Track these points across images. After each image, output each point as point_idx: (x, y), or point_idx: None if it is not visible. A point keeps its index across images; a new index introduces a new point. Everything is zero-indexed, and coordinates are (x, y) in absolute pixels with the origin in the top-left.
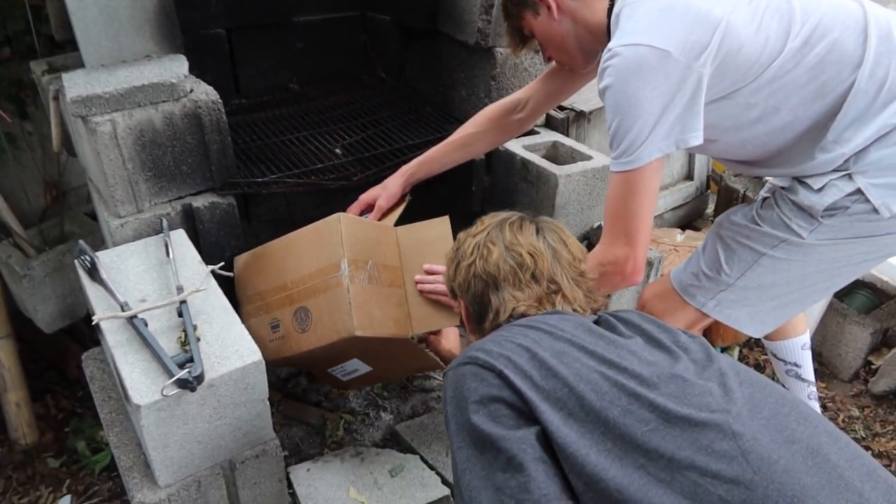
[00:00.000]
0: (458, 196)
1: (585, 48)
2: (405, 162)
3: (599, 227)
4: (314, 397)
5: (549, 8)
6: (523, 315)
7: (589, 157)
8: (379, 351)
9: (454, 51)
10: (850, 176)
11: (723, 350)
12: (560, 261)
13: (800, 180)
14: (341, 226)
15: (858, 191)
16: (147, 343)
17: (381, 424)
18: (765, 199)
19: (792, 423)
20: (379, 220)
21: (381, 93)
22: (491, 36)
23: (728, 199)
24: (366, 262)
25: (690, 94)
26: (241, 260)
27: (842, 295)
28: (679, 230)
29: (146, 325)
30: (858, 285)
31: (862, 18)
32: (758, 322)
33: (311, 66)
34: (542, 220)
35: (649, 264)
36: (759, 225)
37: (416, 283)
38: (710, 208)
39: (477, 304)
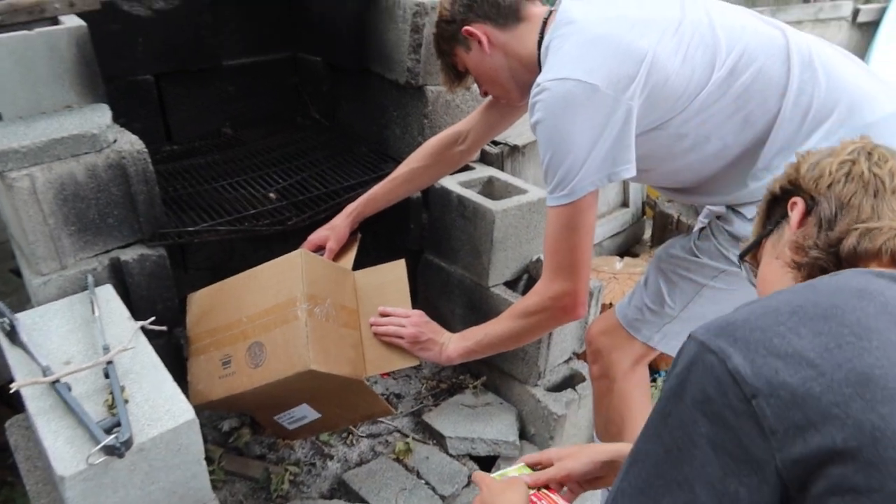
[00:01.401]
0: (396, 234)
1: (519, 80)
2: (341, 203)
3: (538, 261)
4: (257, 450)
5: (480, 42)
6: (893, 257)
7: (525, 191)
8: (330, 394)
9: (386, 90)
10: None
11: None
12: None
13: (734, 209)
14: (302, 261)
15: None
16: (71, 409)
17: (328, 474)
18: (701, 229)
19: None
20: (333, 261)
21: (315, 134)
22: (421, 74)
23: (663, 224)
24: (324, 300)
25: (620, 127)
26: (194, 297)
27: None
28: (618, 258)
29: (70, 389)
30: None
31: (784, 46)
32: None
33: (243, 109)
34: None
35: (589, 294)
36: (697, 257)
37: (371, 325)
38: (648, 234)
39: (838, 205)
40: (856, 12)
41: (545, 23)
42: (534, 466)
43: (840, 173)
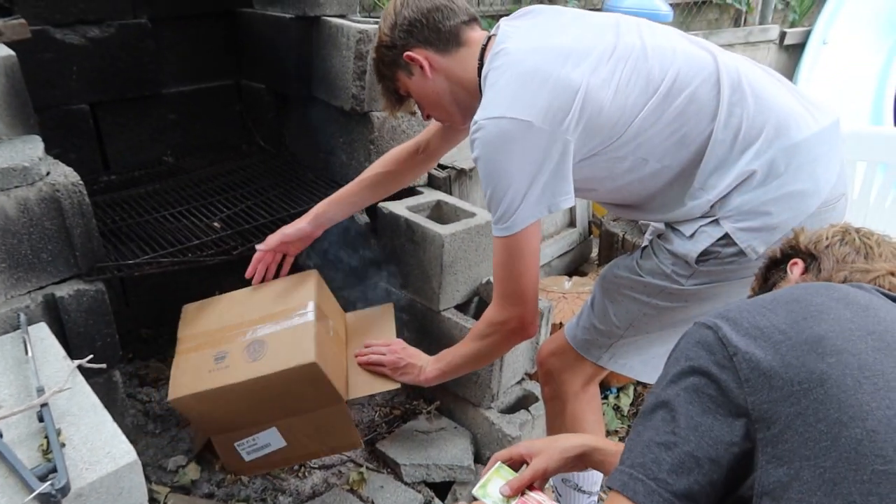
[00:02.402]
0: (346, 261)
1: (462, 104)
2: None
3: (488, 283)
4: (205, 488)
5: (421, 67)
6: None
7: (472, 214)
8: (308, 414)
9: (331, 116)
10: (717, 221)
11: (618, 390)
12: None
13: (673, 228)
14: (316, 277)
15: (726, 235)
16: (2, 456)
17: None
18: (644, 248)
19: None
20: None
21: (260, 161)
22: (366, 101)
23: (609, 242)
24: (327, 318)
25: (557, 160)
26: (190, 307)
27: None
28: (566, 277)
29: (0, 435)
30: None
31: (714, 69)
32: (651, 368)
33: (185, 137)
34: None
35: (540, 314)
36: (640, 276)
37: (355, 356)
38: (595, 252)
39: (835, 261)
40: (783, 35)
41: (484, 48)
42: (505, 462)
43: (835, 238)
